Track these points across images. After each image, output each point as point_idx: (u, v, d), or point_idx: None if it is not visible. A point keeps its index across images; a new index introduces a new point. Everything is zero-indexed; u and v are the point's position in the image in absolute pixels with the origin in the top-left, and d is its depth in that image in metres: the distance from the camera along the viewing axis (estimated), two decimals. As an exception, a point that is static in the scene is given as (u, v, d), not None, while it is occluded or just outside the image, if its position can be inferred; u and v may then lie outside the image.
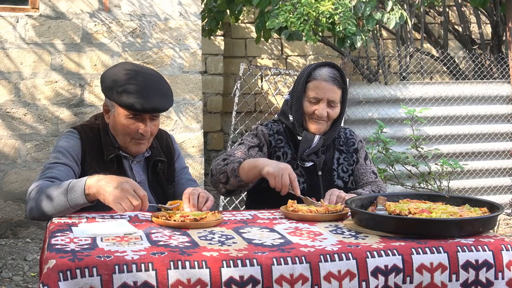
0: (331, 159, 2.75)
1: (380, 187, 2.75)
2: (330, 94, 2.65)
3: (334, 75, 2.67)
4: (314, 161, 2.69)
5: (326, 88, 2.65)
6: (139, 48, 5.29)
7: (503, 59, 6.79)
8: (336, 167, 2.75)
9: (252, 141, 2.70)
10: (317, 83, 2.66)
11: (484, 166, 6.50)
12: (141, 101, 2.40)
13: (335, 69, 2.71)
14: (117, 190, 2.11)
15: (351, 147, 2.82)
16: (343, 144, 2.82)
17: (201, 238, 1.95)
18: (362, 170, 2.80)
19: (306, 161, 2.68)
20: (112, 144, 2.53)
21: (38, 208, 2.24)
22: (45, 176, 2.35)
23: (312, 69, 2.70)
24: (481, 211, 2.13)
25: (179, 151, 2.77)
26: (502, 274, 1.93)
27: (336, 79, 2.67)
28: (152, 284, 1.70)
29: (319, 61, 2.82)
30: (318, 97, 2.65)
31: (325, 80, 2.65)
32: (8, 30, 5.02)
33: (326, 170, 2.72)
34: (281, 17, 5.43)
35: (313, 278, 1.78)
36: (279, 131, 2.75)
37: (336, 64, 2.75)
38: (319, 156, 2.71)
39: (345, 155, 2.79)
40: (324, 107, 2.65)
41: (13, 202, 5.12)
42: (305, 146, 2.67)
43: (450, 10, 8.25)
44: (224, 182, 2.51)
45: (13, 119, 5.08)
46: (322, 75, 2.67)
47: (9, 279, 4.33)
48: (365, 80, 6.55)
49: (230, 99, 7.64)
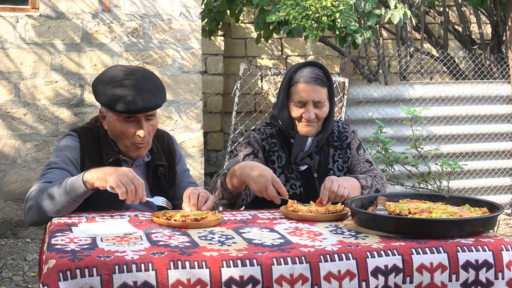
0: (326, 158, 2.71)
1: (375, 174, 2.70)
2: (314, 95, 2.59)
3: (316, 75, 2.60)
4: (308, 163, 2.66)
5: (309, 89, 2.58)
6: (140, 48, 5.29)
7: (503, 59, 6.79)
8: (332, 165, 2.71)
9: (245, 150, 2.67)
10: (299, 86, 2.60)
11: (484, 166, 6.50)
12: (130, 102, 2.37)
13: (317, 67, 2.64)
14: (118, 174, 2.15)
15: (344, 141, 2.76)
16: (337, 139, 2.76)
17: (201, 238, 1.96)
18: (355, 162, 2.75)
19: (301, 164, 2.65)
20: (112, 148, 2.51)
21: (39, 210, 2.24)
22: (42, 181, 2.35)
23: (292, 72, 2.64)
24: (481, 211, 2.13)
25: (180, 153, 2.73)
26: (502, 274, 1.93)
27: (319, 78, 2.60)
28: (152, 284, 1.70)
29: (299, 62, 2.74)
30: (303, 100, 2.59)
31: (306, 82, 2.59)
32: (8, 30, 5.02)
33: (322, 171, 2.69)
34: (282, 11, 5.43)
35: (313, 278, 1.79)
36: (272, 135, 2.71)
37: (317, 62, 2.69)
38: (313, 158, 2.67)
39: (339, 151, 2.74)
40: (310, 109, 2.59)
41: (13, 202, 5.12)
42: (298, 149, 2.63)
43: (450, 10, 8.24)
44: (221, 197, 2.55)
45: (13, 119, 5.08)
46: (303, 77, 2.60)
47: (9, 279, 4.33)
48: (365, 80, 6.55)
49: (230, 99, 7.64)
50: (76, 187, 2.20)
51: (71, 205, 2.23)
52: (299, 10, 5.39)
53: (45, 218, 2.25)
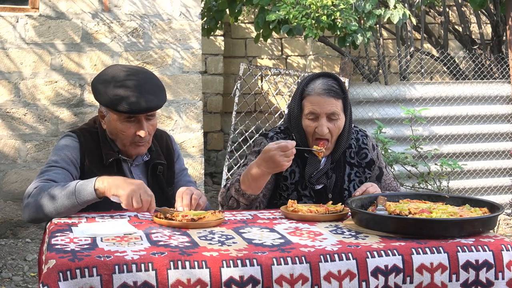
0: (342, 177, 2.57)
1: None
2: (327, 107, 2.45)
3: (329, 86, 2.47)
4: (324, 183, 2.53)
5: (322, 102, 2.45)
6: (140, 48, 5.29)
7: (503, 59, 6.79)
8: (347, 185, 2.57)
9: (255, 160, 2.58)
10: (311, 99, 2.47)
11: (484, 166, 6.50)
12: (132, 103, 2.38)
13: (331, 79, 2.51)
14: (131, 185, 2.16)
15: (364, 160, 2.61)
16: (355, 156, 2.61)
17: (201, 238, 1.95)
18: (388, 181, 2.66)
19: (316, 184, 2.52)
20: (111, 148, 2.51)
21: (37, 208, 2.23)
22: (43, 179, 2.34)
23: (304, 84, 2.52)
24: (481, 211, 2.13)
25: (179, 152, 2.75)
26: (502, 274, 1.93)
27: (332, 90, 2.47)
28: (152, 284, 1.70)
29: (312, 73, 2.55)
30: (315, 112, 2.46)
31: (319, 94, 2.46)
32: (8, 30, 5.02)
33: (337, 192, 2.56)
34: (282, 10, 5.43)
35: (313, 278, 1.78)
36: None
37: (331, 73, 2.57)
38: (330, 176, 2.54)
39: (356, 169, 2.60)
40: (324, 122, 2.45)
41: (13, 202, 5.12)
42: (313, 168, 2.51)
43: (450, 10, 8.24)
44: (236, 207, 2.44)
45: (13, 119, 5.08)
46: (315, 89, 2.47)
47: (9, 279, 4.33)
48: (365, 80, 6.55)
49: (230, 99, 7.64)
50: (86, 193, 2.21)
51: (75, 209, 2.23)
52: (299, 9, 5.39)
53: (44, 217, 2.24)
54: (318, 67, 8.00)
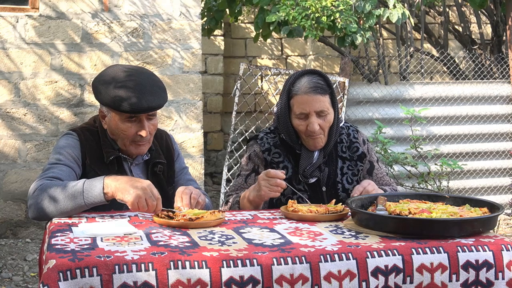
0: (334, 171, 2.61)
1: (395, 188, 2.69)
2: (316, 105, 2.47)
3: (315, 84, 2.49)
4: (317, 176, 2.57)
5: (310, 100, 2.47)
6: (140, 48, 5.29)
7: (503, 59, 6.79)
8: (340, 178, 2.61)
9: (247, 168, 2.64)
10: (299, 98, 2.49)
11: (484, 166, 6.50)
12: (134, 103, 2.39)
13: (315, 75, 2.52)
14: (136, 190, 2.15)
15: (355, 153, 2.65)
16: (346, 150, 2.65)
17: (201, 238, 1.96)
18: (380, 175, 2.69)
19: (309, 177, 2.56)
20: (112, 147, 2.52)
21: (40, 207, 2.24)
22: (47, 176, 2.34)
23: (290, 84, 2.52)
24: (481, 211, 2.13)
25: (178, 151, 2.76)
26: (502, 274, 1.93)
27: (318, 86, 2.48)
28: (152, 284, 1.70)
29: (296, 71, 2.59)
30: (304, 112, 2.48)
31: (306, 92, 2.47)
32: (8, 30, 5.02)
33: (330, 185, 2.59)
34: (282, 11, 5.43)
35: (313, 278, 1.78)
36: (276, 144, 2.61)
37: (315, 69, 2.57)
38: (323, 170, 2.57)
39: (348, 163, 2.63)
40: (314, 120, 2.48)
41: (13, 202, 5.12)
42: (306, 163, 2.55)
43: (450, 10, 8.25)
44: None
45: (13, 119, 5.08)
46: (302, 88, 2.48)
47: (9, 279, 4.33)
48: (365, 80, 6.55)
49: (230, 99, 7.64)
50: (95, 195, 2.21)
51: (81, 209, 2.23)
52: (299, 10, 5.39)
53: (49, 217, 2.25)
54: (318, 67, 8.00)
